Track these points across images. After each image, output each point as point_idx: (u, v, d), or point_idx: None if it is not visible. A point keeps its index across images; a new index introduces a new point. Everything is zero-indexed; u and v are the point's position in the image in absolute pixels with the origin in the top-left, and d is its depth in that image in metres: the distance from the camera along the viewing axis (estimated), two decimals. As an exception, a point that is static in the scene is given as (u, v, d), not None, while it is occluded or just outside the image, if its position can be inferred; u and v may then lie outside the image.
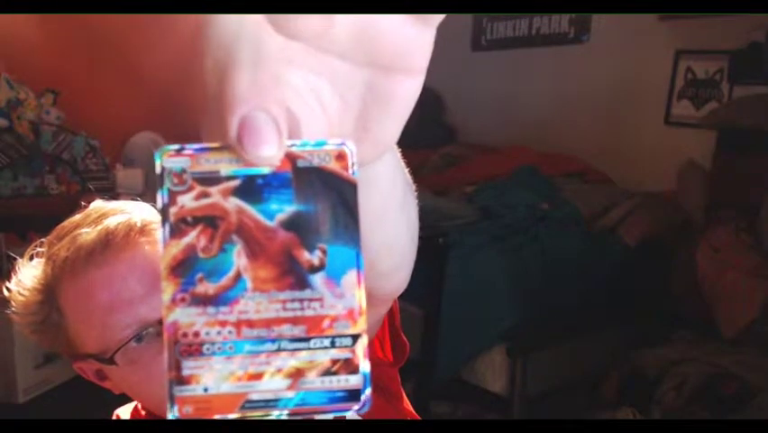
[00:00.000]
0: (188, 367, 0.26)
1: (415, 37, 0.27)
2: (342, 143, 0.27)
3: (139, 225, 0.68)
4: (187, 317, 0.26)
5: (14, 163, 2.11)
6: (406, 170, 0.41)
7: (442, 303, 2.08)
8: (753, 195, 2.12)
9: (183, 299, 0.26)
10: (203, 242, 0.26)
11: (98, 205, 0.73)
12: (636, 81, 2.77)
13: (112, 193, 1.98)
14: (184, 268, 0.26)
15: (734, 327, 1.98)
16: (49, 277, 0.69)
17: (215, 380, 0.26)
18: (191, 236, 0.26)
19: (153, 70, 2.18)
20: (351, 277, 0.27)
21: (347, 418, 0.70)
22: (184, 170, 0.26)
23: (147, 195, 0.59)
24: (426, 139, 3.19)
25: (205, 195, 0.26)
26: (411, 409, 0.77)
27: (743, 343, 1.95)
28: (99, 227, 0.68)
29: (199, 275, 0.26)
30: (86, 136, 2.29)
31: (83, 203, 0.74)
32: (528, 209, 2.40)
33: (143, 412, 0.75)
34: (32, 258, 0.72)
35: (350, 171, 0.27)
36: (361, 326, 0.27)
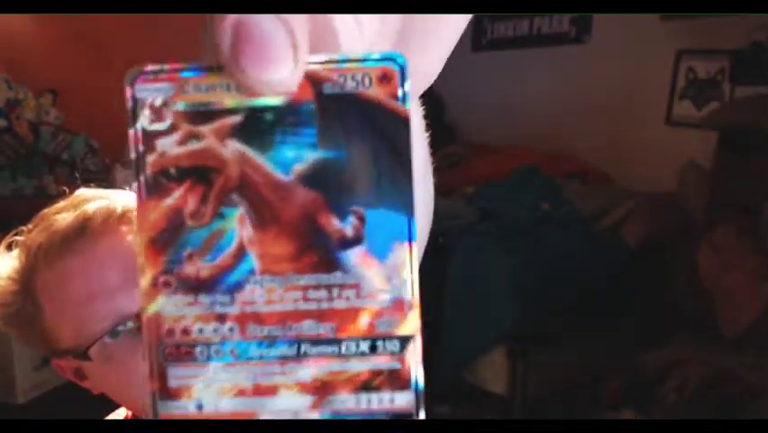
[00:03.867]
0: (176, 376, 0.19)
1: None
2: (388, 57, 0.19)
3: (119, 210, 0.64)
4: (173, 309, 0.19)
5: (13, 164, 2.11)
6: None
7: (442, 303, 2.07)
8: (754, 195, 2.11)
9: (167, 284, 0.19)
10: (192, 204, 0.19)
11: (81, 192, 0.69)
12: (637, 81, 2.76)
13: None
14: (167, 240, 0.19)
15: (735, 327, 1.97)
16: (24, 265, 0.65)
17: (212, 394, 0.19)
18: (175, 196, 0.19)
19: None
20: (400, 254, 0.19)
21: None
22: (165, 103, 0.19)
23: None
24: (426, 139, 3.18)
25: (193, 136, 0.19)
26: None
27: (744, 343, 1.94)
28: (77, 212, 0.64)
29: (188, 251, 0.19)
30: (86, 136, 2.28)
31: (66, 189, 0.71)
32: (529, 210, 2.40)
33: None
34: (9, 247, 0.69)
35: (399, 99, 0.19)
36: (412, 324, 0.19)
